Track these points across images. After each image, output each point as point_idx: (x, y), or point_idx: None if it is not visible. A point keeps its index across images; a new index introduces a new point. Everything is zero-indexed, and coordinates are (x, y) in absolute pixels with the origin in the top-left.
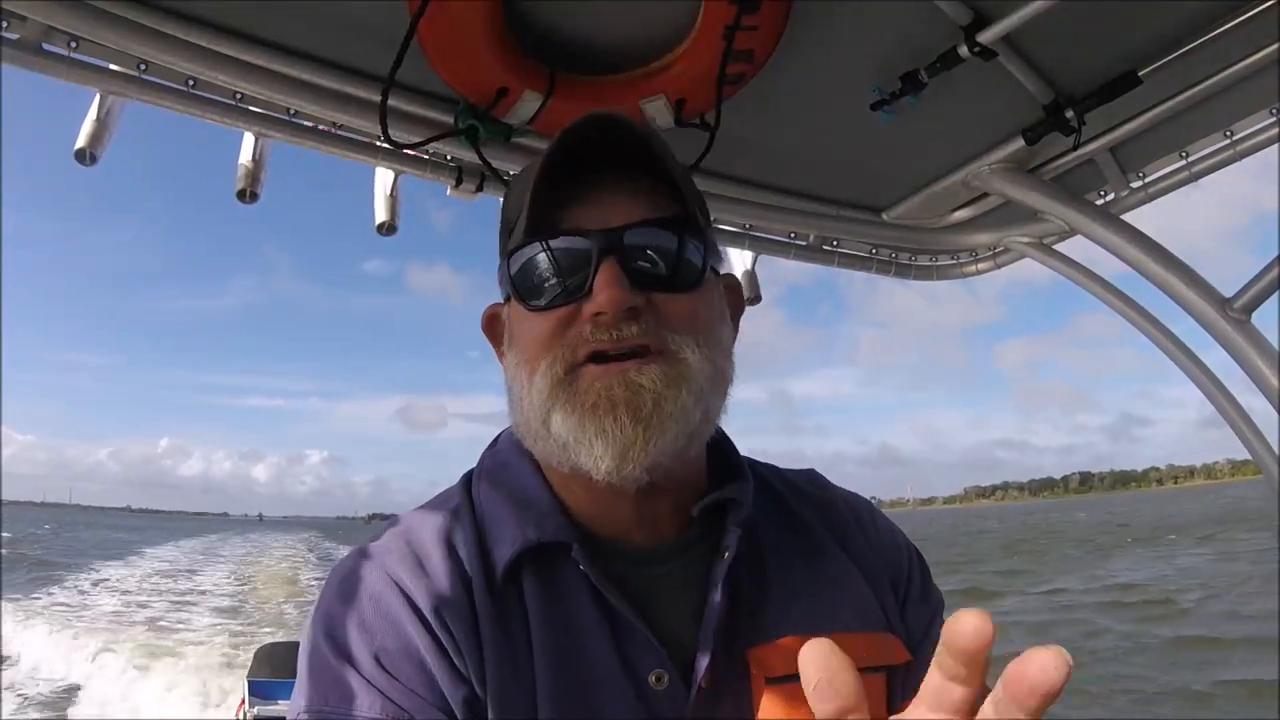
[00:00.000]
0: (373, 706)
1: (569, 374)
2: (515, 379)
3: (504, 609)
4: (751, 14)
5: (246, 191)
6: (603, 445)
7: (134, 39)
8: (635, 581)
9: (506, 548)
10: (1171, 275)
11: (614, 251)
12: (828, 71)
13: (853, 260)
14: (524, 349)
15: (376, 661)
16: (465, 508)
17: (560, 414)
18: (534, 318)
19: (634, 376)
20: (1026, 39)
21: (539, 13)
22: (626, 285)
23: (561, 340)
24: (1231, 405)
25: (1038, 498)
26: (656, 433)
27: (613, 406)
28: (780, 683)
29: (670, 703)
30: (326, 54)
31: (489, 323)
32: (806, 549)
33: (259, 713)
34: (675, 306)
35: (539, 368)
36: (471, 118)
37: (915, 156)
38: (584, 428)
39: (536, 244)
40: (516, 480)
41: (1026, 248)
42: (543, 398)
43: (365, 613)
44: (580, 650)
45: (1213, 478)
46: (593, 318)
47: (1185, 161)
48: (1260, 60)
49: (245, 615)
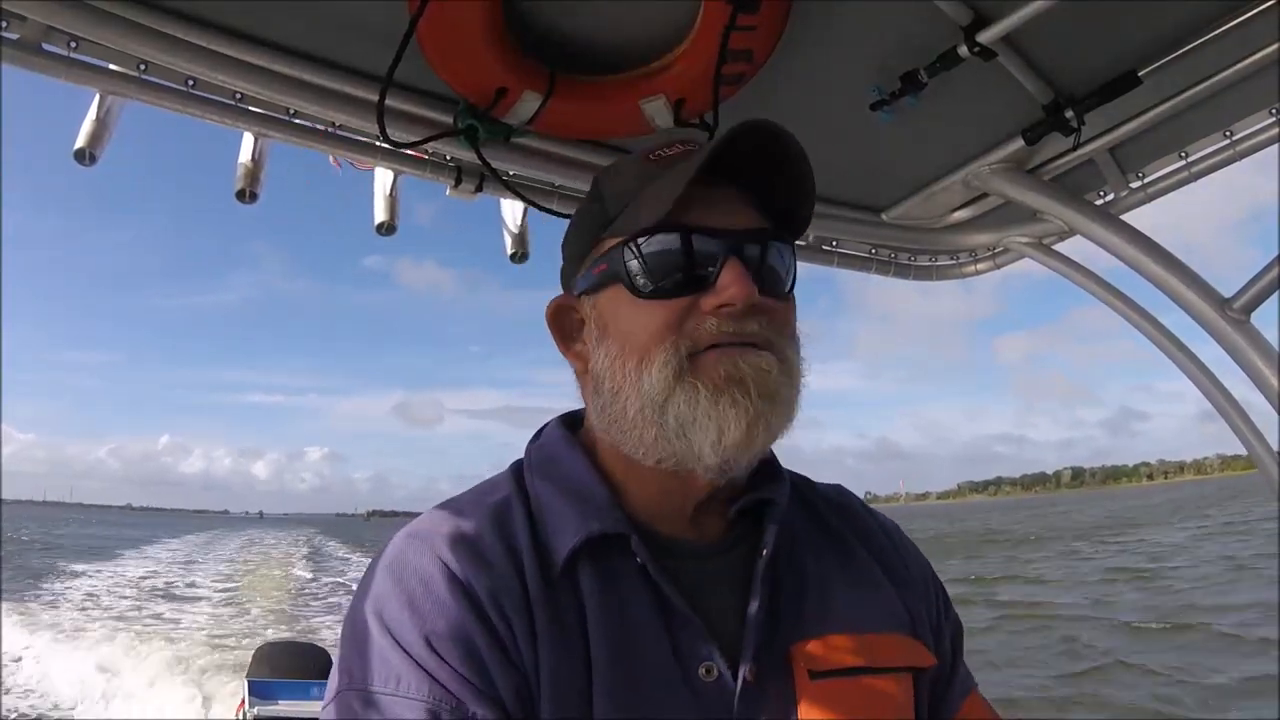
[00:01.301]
0: (420, 689)
1: (688, 362)
2: (616, 369)
3: (559, 599)
4: (751, 14)
5: (246, 192)
6: (735, 415)
7: (134, 39)
8: (685, 576)
9: (569, 537)
10: (1171, 275)
11: (738, 252)
12: (827, 71)
13: (852, 260)
14: (633, 337)
15: (426, 643)
16: (518, 498)
17: (684, 394)
18: (649, 306)
19: (756, 359)
20: (1026, 39)
21: (539, 13)
22: (754, 283)
23: (680, 330)
24: (1231, 405)
25: (1030, 492)
26: (778, 412)
27: (742, 381)
28: (822, 678)
29: (718, 695)
30: (326, 54)
31: (557, 314)
32: (839, 551)
33: (259, 713)
34: (781, 312)
35: (656, 355)
36: (471, 118)
37: (915, 156)
38: (716, 401)
39: (668, 235)
40: (570, 473)
41: (1026, 248)
42: (664, 383)
43: (415, 594)
44: (635, 640)
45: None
46: (716, 310)
47: (1185, 162)
48: (1260, 60)
49: (245, 615)
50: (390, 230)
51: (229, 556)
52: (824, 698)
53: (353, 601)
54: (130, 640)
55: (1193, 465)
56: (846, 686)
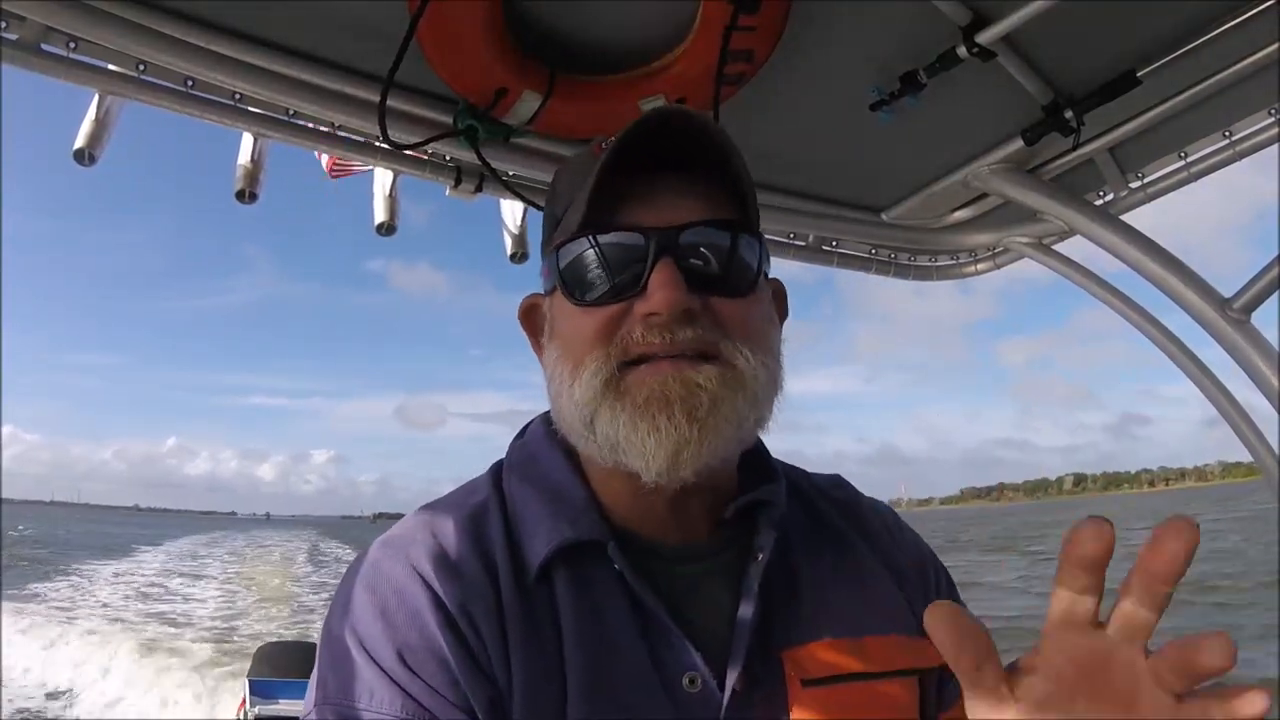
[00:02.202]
0: (393, 703)
1: (618, 373)
2: (556, 374)
3: (534, 607)
4: (750, 14)
5: (245, 192)
6: (655, 443)
7: (133, 39)
8: (669, 581)
9: (541, 545)
10: (1171, 275)
11: (671, 251)
12: (827, 72)
13: (852, 260)
14: (568, 345)
15: (399, 657)
16: (495, 501)
17: (608, 413)
18: (581, 313)
19: (690, 375)
20: (1026, 39)
21: (539, 13)
22: (683, 286)
23: (611, 339)
24: (1231, 405)
25: (1033, 498)
26: (711, 434)
27: (667, 403)
28: (815, 685)
29: (704, 705)
30: (326, 54)
31: (527, 313)
32: (837, 551)
33: (259, 712)
34: (731, 310)
35: (586, 366)
36: (471, 118)
37: (915, 156)
38: (635, 426)
39: (588, 239)
40: (548, 474)
41: (1026, 248)
42: (589, 397)
43: (389, 606)
44: (613, 650)
45: (1204, 479)
46: (645, 318)
47: (1184, 162)
48: (1260, 60)
49: (245, 614)
50: (390, 230)
51: (235, 555)
52: (818, 706)
53: (329, 612)
54: (131, 640)
55: (1194, 472)
56: (842, 694)
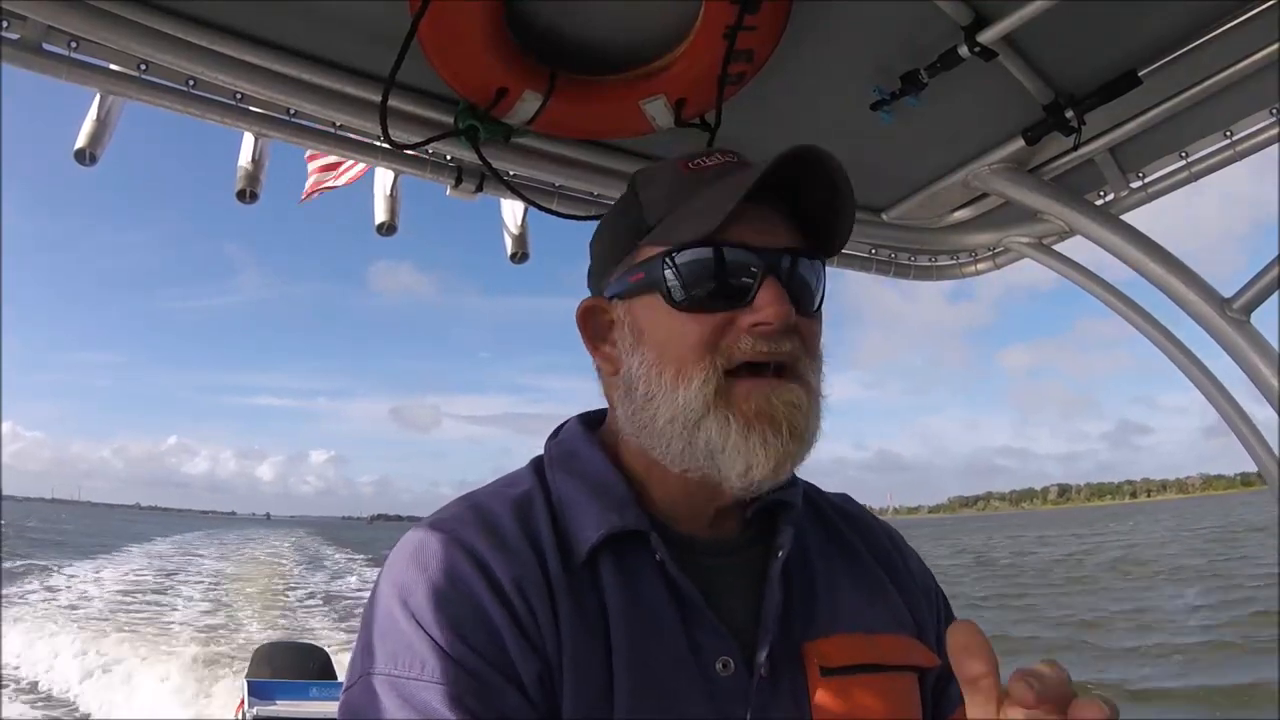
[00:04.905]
0: (444, 674)
1: (725, 382)
2: (650, 376)
3: (581, 588)
4: (752, 14)
5: (246, 192)
6: (765, 455)
7: (134, 39)
8: (702, 573)
9: (590, 531)
10: (1171, 275)
11: (776, 271)
12: (828, 71)
13: (852, 260)
14: (670, 348)
15: (450, 629)
16: (539, 491)
17: (716, 422)
18: (686, 319)
19: (790, 396)
20: (1027, 39)
21: (539, 13)
22: (790, 303)
23: (716, 347)
24: (1231, 405)
25: (1018, 508)
26: (803, 448)
27: (774, 420)
28: (833, 674)
29: (734, 689)
30: (326, 54)
31: (587, 314)
32: (847, 556)
33: (259, 713)
34: (809, 329)
35: (693, 373)
36: (471, 118)
37: (915, 156)
38: (746, 437)
39: (711, 250)
40: (591, 469)
41: (1026, 248)
42: (698, 403)
43: (439, 581)
44: (654, 633)
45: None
46: (753, 328)
47: (1185, 162)
48: (1260, 60)
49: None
50: (391, 230)
51: (232, 556)
52: (836, 693)
53: (375, 588)
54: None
55: (1175, 484)
56: (856, 683)
